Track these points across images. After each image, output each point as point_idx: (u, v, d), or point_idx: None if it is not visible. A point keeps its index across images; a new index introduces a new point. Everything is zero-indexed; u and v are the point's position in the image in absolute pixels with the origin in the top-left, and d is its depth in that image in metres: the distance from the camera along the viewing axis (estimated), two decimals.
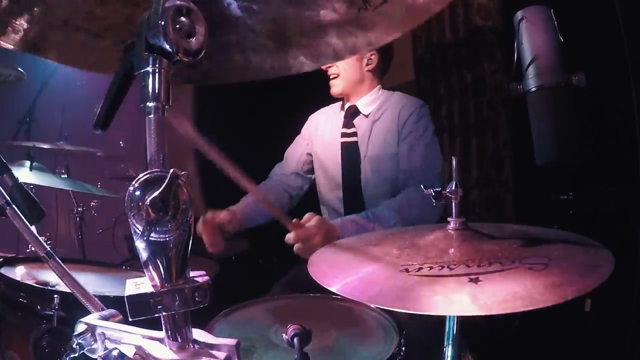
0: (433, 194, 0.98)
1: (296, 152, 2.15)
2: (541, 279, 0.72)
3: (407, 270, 0.83)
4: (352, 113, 1.97)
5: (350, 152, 1.95)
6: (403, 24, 0.78)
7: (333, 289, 0.83)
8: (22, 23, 0.67)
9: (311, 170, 2.13)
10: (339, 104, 2.10)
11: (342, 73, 1.90)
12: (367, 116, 1.95)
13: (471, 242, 0.91)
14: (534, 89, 1.19)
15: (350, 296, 0.81)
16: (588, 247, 0.88)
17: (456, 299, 0.72)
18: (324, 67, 1.86)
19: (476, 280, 0.74)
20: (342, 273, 0.89)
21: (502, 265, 0.79)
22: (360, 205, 1.92)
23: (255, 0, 0.71)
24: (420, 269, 0.83)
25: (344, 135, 1.97)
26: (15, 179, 0.91)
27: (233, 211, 1.85)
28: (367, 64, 1.93)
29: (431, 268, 0.82)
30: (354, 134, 1.95)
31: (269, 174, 2.18)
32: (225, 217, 1.78)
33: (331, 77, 1.92)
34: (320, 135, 2.08)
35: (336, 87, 1.93)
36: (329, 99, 2.08)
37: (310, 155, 2.12)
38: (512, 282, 0.73)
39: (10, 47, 0.68)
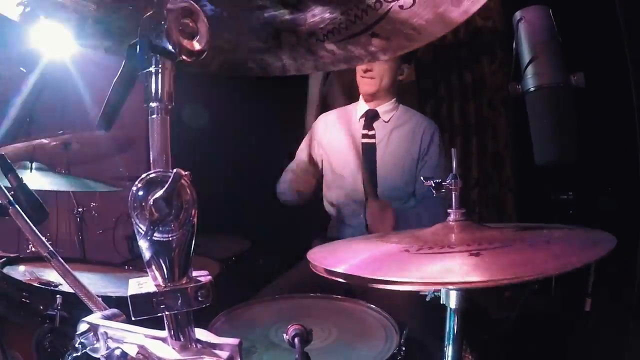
0: (433, 185, 0.99)
1: (302, 157, 2.19)
2: (544, 251, 0.73)
3: (407, 251, 0.83)
4: (372, 116, 2.03)
5: (369, 152, 2.01)
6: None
7: (337, 269, 0.80)
8: None
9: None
10: (349, 107, 2.14)
11: (379, 76, 1.94)
12: (387, 122, 2.03)
13: (471, 230, 0.91)
14: (532, 89, 1.19)
15: (354, 273, 0.78)
16: (588, 230, 0.88)
17: (457, 268, 0.71)
18: (363, 67, 1.92)
19: (477, 254, 0.74)
20: (342, 257, 0.89)
21: (502, 244, 0.79)
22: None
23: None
24: (420, 249, 0.83)
25: (365, 136, 2.03)
26: (19, 179, 0.91)
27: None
28: (400, 74, 2.01)
29: (431, 248, 0.82)
30: (374, 136, 2.02)
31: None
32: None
33: (367, 76, 1.94)
34: (330, 139, 2.11)
35: (370, 86, 1.97)
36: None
37: (319, 157, 2.15)
38: (513, 254, 0.73)
39: None
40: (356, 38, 0.79)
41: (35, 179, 1.84)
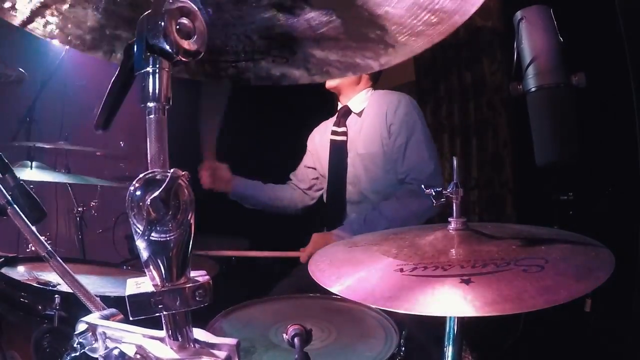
0: (433, 193, 0.98)
1: (302, 169, 2.22)
2: (534, 282, 0.72)
3: (401, 270, 0.83)
4: (345, 112, 2.00)
5: (337, 150, 1.98)
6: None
7: (330, 289, 0.84)
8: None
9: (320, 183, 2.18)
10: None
11: None
12: (359, 114, 1.97)
13: (470, 242, 0.91)
14: (533, 89, 1.19)
15: (344, 295, 0.82)
16: (589, 248, 0.87)
17: (445, 300, 0.72)
18: None
19: (468, 282, 0.75)
20: (339, 272, 0.90)
21: (496, 267, 0.79)
22: (341, 202, 1.98)
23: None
24: (414, 269, 0.83)
25: (333, 133, 2.00)
26: (17, 179, 0.91)
27: (233, 176, 2.02)
28: None
29: (425, 268, 0.83)
30: (344, 133, 1.97)
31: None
32: (223, 172, 1.95)
33: None
34: (317, 144, 2.13)
35: (329, 81, 1.92)
36: (335, 107, 2.11)
37: (315, 169, 2.17)
38: (503, 285, 0.73)
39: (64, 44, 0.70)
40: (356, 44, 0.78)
41: (35, 174, 1.84)
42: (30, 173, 1.82)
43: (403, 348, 1.11)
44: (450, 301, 0.72)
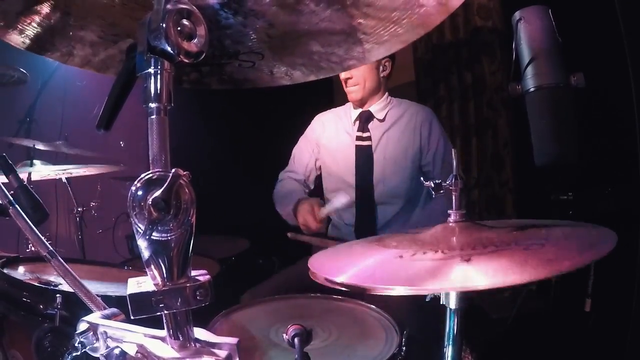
0: (432, 186, 0.99)
1: (303, 159, 2.19)
2: (536, 256, 0.71)
3: (401, 257, 0.83)
4: (366, 118, 2.02)
5: (364, 156, 2.00)
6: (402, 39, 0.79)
7: (332, 278, 0.82)
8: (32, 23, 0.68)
9: (320, 176, 2.17)
10: (344, 107, 2.13)
11: (362, 81, 1.93)
12: (381, 121, 2.01)
13: (470, 231, 0.91)
14: (532, 89, 1.19)
15: (345, 282, 0.80)
16: (589, 227, 0.86)
17: (446, 274, 0.71)
18: (342, 76, 1.93)
19: (468, 260, 0.74)
20: (339, 265, 0.90)
21: (497, 247, 0.78)
22: (370, 204, 1.99)
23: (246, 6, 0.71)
24: (414, 254, 0.83)
25: (359, 138, 2.01)
26: (20, 180, 0.91)
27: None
28: (382, 71, 1.98)
29: (425, 253, 0.82)
30: (369, 138, 2.00)
31: (279, 176, 2.21)
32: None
33: (349, 84, 1.95)
34: (327, 139, 2.11)
35: (355, 93, 1.96)
36: (332, 104, 2.11)
37: (318, 160, 2.15)
38: (504, 259, 0.72)
39: (18, 45, 0.69)
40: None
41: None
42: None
43: (404, 348, 1.11)
44: (452, 276, 0.70)
